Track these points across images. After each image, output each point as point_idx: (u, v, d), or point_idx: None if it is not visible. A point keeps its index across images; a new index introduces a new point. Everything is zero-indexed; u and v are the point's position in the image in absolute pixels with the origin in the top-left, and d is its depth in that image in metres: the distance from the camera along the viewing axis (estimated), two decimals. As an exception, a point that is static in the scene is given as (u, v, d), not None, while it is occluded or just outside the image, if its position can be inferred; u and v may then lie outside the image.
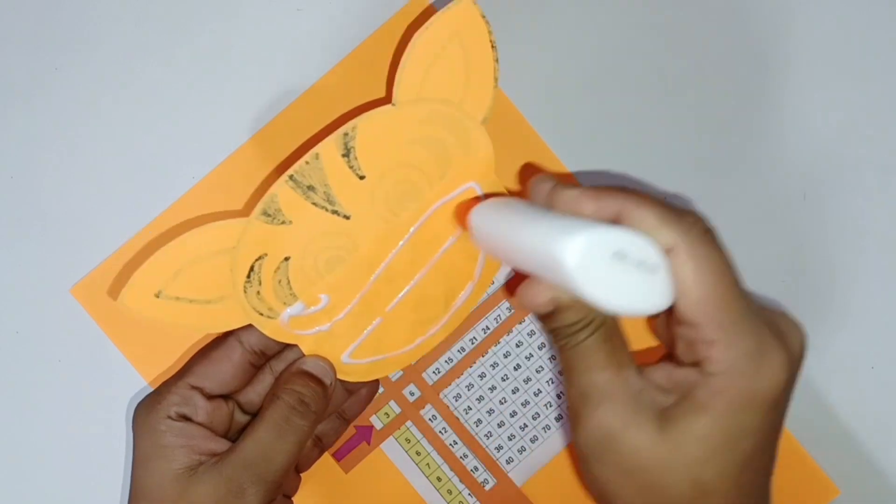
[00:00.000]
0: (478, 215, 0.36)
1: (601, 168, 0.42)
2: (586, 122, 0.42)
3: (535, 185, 0.35)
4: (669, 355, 0.35)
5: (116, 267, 0.41)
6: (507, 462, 0.43)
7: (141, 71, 0.42)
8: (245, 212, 0.40)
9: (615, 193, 0.32)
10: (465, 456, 0.43)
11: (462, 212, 0.38)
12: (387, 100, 0.37)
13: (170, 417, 0.36)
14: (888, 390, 0.43)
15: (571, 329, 0.33)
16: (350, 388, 0.40)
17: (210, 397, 0.37)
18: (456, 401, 0.42)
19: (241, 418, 0.39)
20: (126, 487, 0.42)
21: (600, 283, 0.30)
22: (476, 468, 0.43)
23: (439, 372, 0.42)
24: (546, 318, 0.33)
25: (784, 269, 0.42)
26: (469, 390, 0.42)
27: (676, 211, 0.31)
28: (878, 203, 0.43)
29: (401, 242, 0.38)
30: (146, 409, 0.37)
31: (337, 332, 0.39)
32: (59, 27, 0.42)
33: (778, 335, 0.32)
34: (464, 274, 0.40)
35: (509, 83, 0.42)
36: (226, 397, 0.38)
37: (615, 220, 0.32)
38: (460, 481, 0.42)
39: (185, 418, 0.37)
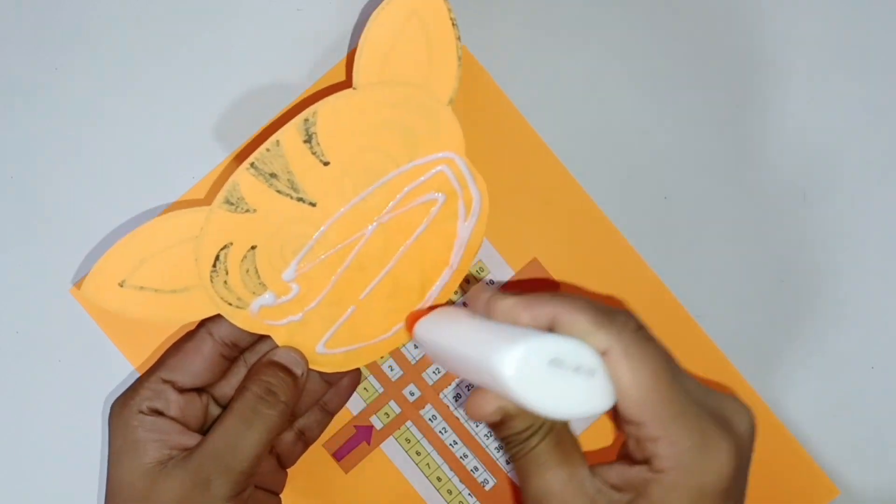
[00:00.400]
0: (422, 328, 0.37)
1: (600, 167, 0.42)
2: (585, 121, 0.42)
3: (473, 294, 0.35)
4: (624, 453, 0.36)
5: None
6: (508, 462, 0.43)
7: (141, 71, 0.42)
8: (208, 200, 0.40)
9: (548, 300, 0.33)
10: (465, 456, 0.43)
11: (411, 322, 0.38)
12: (347, 84, 0.36)
13: (141, 412, 0.36)
14: (888, 390, 0.43)
15: (522, 436, 0.33)
16: (329, 380, 0.39)
17: (182, 391, 0.37)
18: (456, 401, 0.42)
19: (215, 412, 0.38)
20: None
21: (540, 390, 0.31)
22: (476, 468, 0.43)
23: (439, 372, 0.42)
24: (496, 427, 0.34)
25: (784, 269, 0.42)
26: (469, 390, 0.42)
27: (608, 312, 0.32)
28: (878, 203, 0.43)
29: (370, 228, 0.38)
30: (119, 405, 0.37)
31: (310, 321, 0.38)
32: (59, 27, 0.42)
33: (722, 423, 0.32)
34: (439, 260, 0.39)
35: (510, 83, 0.42)
36: (200, 391, 0.38)
37: (551, 327, 0.32)
38: (460, 481, 0.42)
39: (157, 412, 0.36)
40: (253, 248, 0.37)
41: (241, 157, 0.42)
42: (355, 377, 0.41)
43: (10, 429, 0.42)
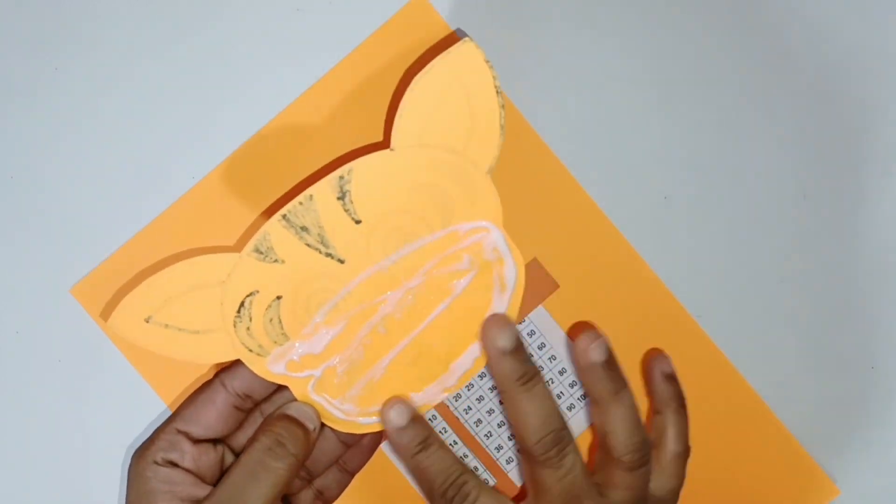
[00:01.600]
0: None
1: (600, 167, 0.42)
2: (585, 121, 0.42)
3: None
4: None
5: (116, 267, 0.41)
6: (507, 462, 0.43)
7: (141, 71, 0.42)
8: (237, 247, 0.40)
9: None
10: (465, 456, 0.43)
11: None
12: (385, 144, 0.36)
13: (156, 463, 0.36)
14: (888, 390, 0.43)
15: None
16: (347, 441, 0.39)
17: (197, 441, 0.37)
18: (456, 401, 0.42)
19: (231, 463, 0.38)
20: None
21: None
22: (476, 468, 0.43)
23: (439, 372, 0.42)
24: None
25: (784, 269, 0.42)
26: (469, 390, 0.42)
27: None
28: (878, 203, 0.43)
29: (398, 291, 0.38)
30: (137, 455, 0.37)
31: (328, 379, 0.38)
32: (59, 27, 0.42)
33: None
34: (468, 333, 0.39)
35: (510, 82, 0.42)
36: (216, 442, 0.38)
37: None
38: (460, 481, 0.42)
39: (172, 464, 0.37)
40: (278, 298, 0.37)
41: (240, 157, 0.42)
42: (377, 438, 0.40)
43: (9, 429, 0.42)
